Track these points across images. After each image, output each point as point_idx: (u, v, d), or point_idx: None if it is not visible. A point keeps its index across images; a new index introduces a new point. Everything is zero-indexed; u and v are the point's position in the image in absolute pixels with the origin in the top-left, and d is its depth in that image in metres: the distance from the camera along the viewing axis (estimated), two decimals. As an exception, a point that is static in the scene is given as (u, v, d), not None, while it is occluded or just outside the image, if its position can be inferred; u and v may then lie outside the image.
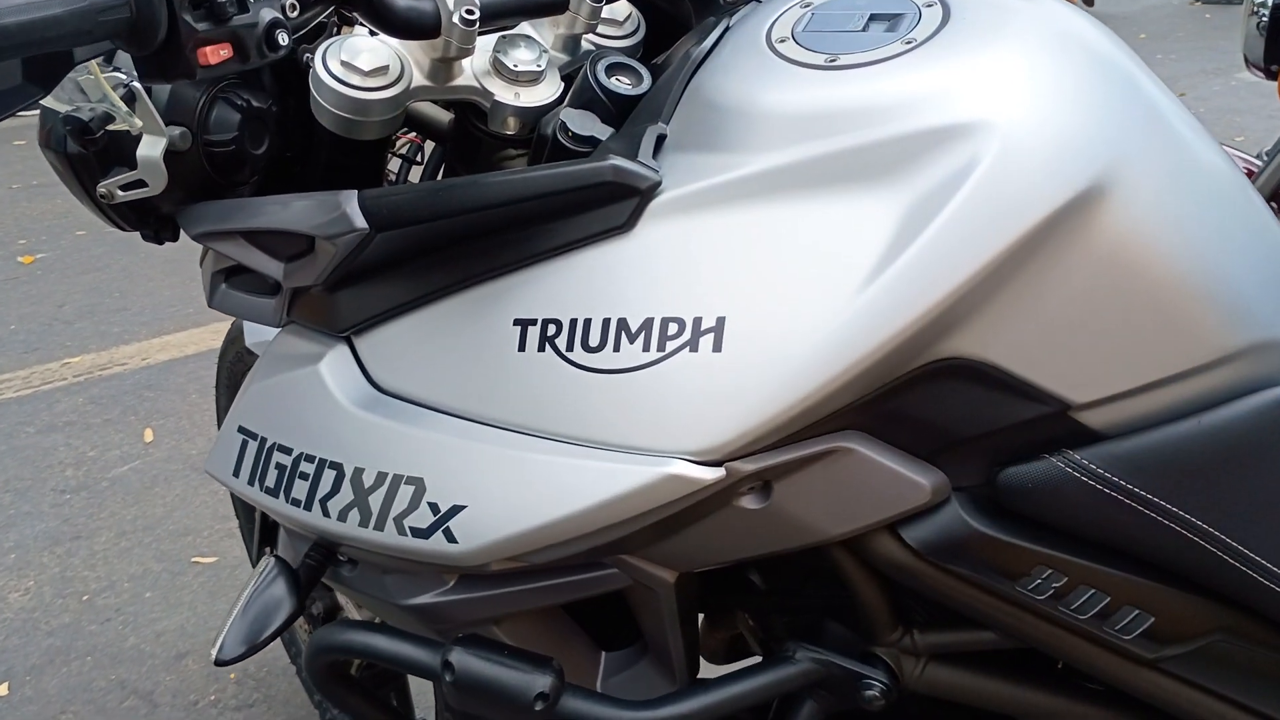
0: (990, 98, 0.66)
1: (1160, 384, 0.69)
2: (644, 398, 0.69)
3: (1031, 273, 0.65)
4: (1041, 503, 0.72)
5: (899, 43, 0.71)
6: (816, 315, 0.66)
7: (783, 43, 0.74)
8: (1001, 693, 0.84)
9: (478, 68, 0.82)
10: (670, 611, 0.83)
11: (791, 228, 0.67)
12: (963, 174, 0.64)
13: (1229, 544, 0.71)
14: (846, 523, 0.73)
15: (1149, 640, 0.74)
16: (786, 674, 0.81)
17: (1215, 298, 0.68)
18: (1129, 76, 0.72)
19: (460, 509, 0.73)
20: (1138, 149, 0.68)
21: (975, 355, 0.67)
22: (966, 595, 0.75)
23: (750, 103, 0.71)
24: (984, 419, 0.70)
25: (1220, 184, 0.72)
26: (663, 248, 0.70)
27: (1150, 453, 0.70)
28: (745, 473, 0.69)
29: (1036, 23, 0.72)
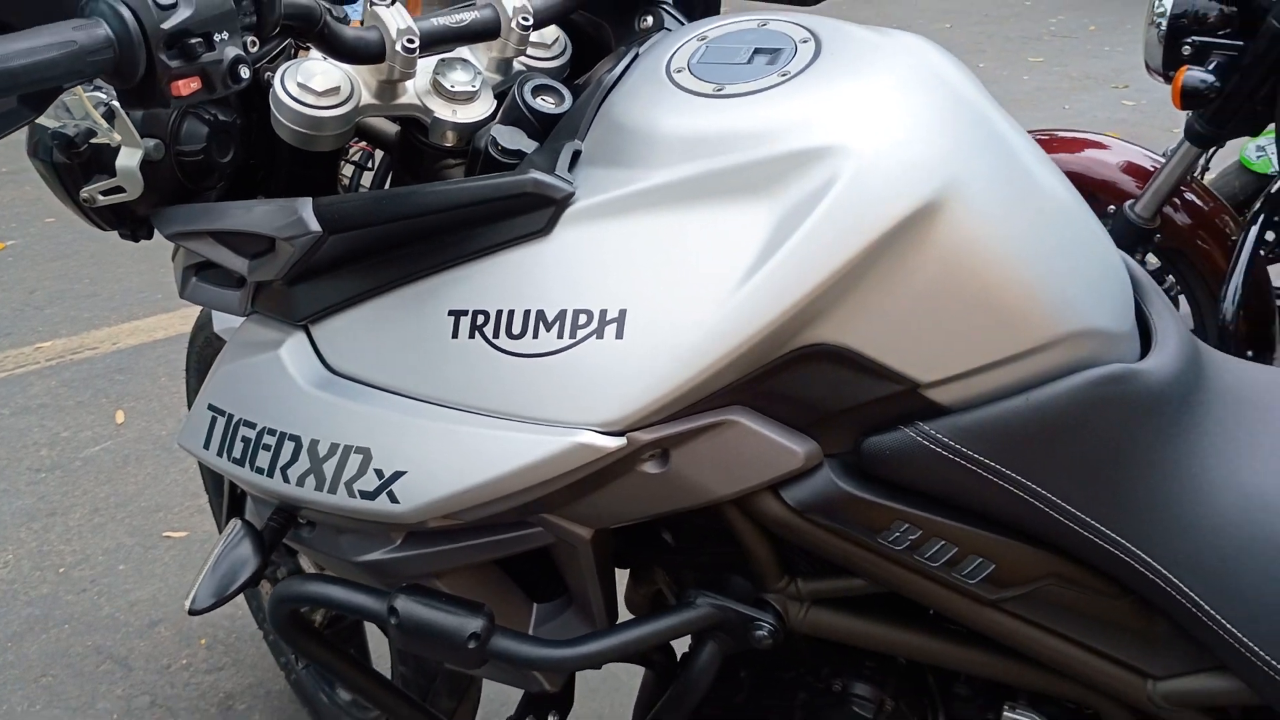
0: (848, 124, 0.78)
1: (994, 365, 0.81)
2: (558, 378, 0.80)
3: (882, 272, 0.77)
4: (898, 467, 0.84)
5: (776, 75, 0.82)
6: (702, 308, 0.78)
7: (679, 72, 0.86)
8: (875, 633, 0.97)
9: (419, 87, 0.93)
10: (589, 565, 0.95)
11: (682, 233, 0.79)
12: (823, 190, 0.76)
13: (1055, 501, 0.84)
14: (734, 485, 0.85)
15: (990, 584, 0.87)
16: (687, 618, 0.94)
17: (1040, 293, 0.81)
18: (973, 107, 0.84)
19: (401, 474, 0.84)
20: (974, 169, 0.80)
21: (837, 341, 0.79)
22: (838, 547, 0.88)
23: (650, 125, 0.83)
24: (847, 395, 0.82)
25: (1048, 197, 0.85)
26: (575, 250, 0.82)
27: (987, 424, 0.82)
28: (645, 442, 0.81)
29: (895, 58, 0.84)
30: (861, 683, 1.04)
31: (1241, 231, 1.88)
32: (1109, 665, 0.91)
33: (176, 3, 0.71)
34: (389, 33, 0.86)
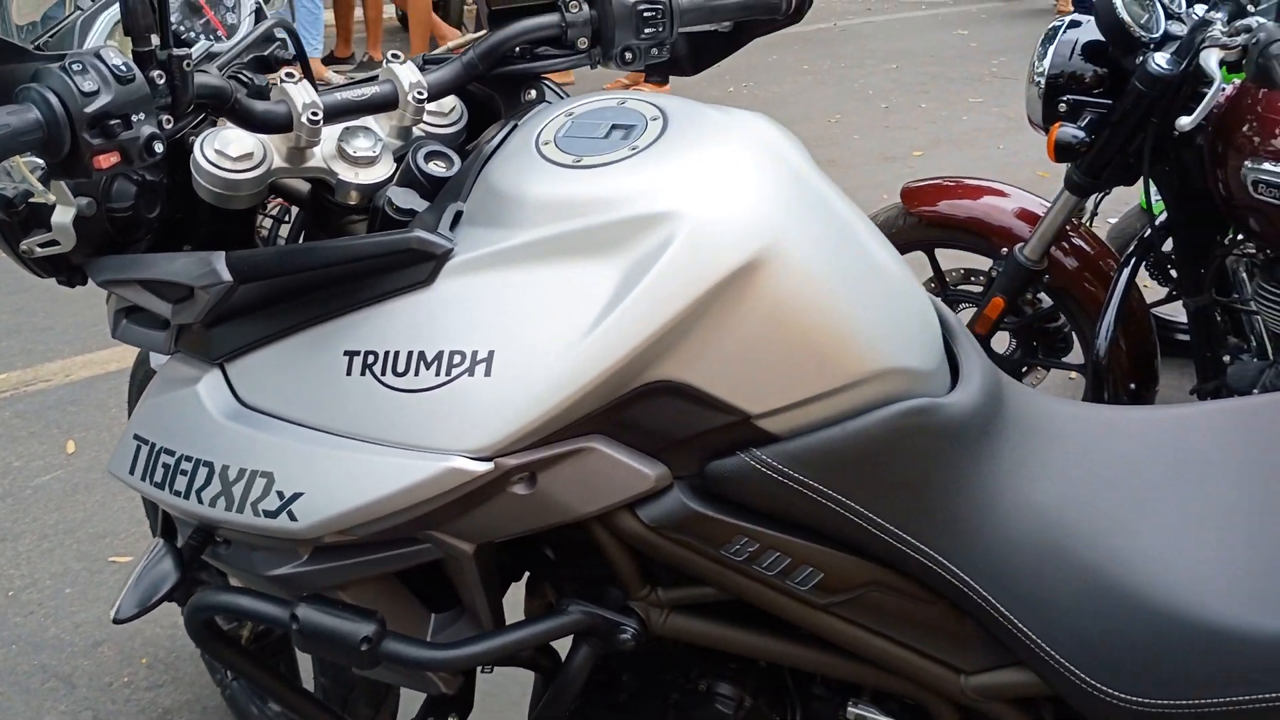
0: (685, 192, 0.91)
1: (815, 399, 0.94)
2: (435, 411, 0.92)
3: (714, 318, 0.90)
4: (737, 489, 0.97)
5: (627, 149, 0.95)
6: (559, 350, 0.90)
7: (546, 145, 0.98)
8: (727, 636, 1.09)
9: (326, 152, 1.06)
10: (473, 577, 1.06)
11: (543, 285, 0.92)
12: (661, 248, 0.89)
13: (872, 518, 0.97)
14: (595, 504, 0.97)
15: (820, 591, 1.00)
16: (560, 623, 1.06)
17: (853, 336, 0.94)
18: (800, 177, 0.98)
19: (300, 495, 0.96)
20: (796, 230, 0.93)
21: (677, 378, 0.92)
22: (687, 559, 1.00)
23: (519, 191, 0.95)
24: (689, 425, 0.95)
25: (864, 253, 0.98)
26: (452, 298, 0.94)
27: (812, 451, 0.95)
28: (511, 466, 0.93)
29: (732, 135, 0.97)
30: (724, 683, 1.15)
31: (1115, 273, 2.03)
32: (926, 662, 1.03)
33: (98, 89, 0.83)
34: (295, 107, 0.98)
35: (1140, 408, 1.38)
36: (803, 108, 5.80)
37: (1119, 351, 2.08)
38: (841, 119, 5.56)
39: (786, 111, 5.73)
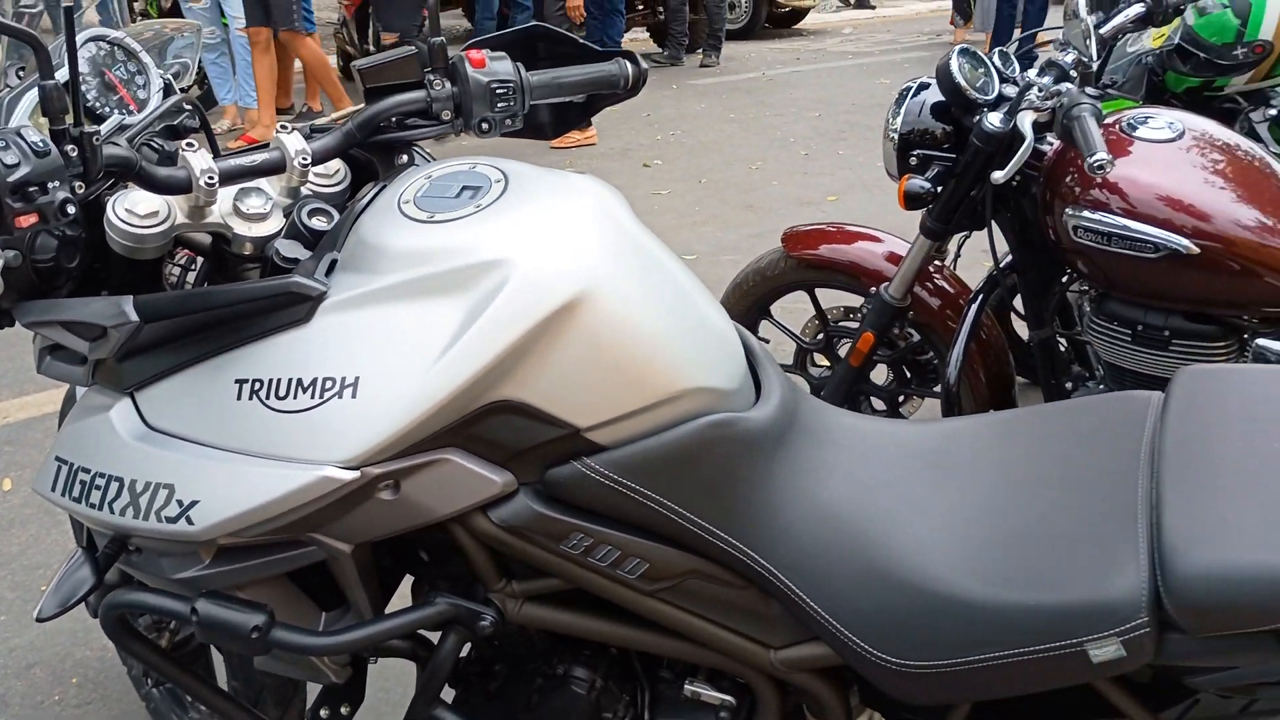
0: (518, 243, 1.09)
1: (634, 414, 1.12)
2: (311, 428, 1.09)
3: (544, 346, 1.08)
4: (572, 492, 1.14)
5: (473, 206, 1.14)
6: (413, 375, 1.08)
7: (406, 203, 1.16)
8: (575, 623, 1.26)
9: (224, 209, 1.23)
10: (352, 574, 1.22)
11: (400, 321, 1.09)
12: (497, 289, 1.07)
13: (688, 516, 1.15)
14: (452, 506, 1.14)
15: (646, 579, 1.17)
16: (426, 613, 1.23)
17: (664, 361, 1.12)
18: (620, 228, 1.16)
19: (196, 503, 1.12)
20: (613, 273, 1.12)
21: (516, 397, 1.09)
22: (534, 554, 1.17)
23: (381, 242, 1.13)
24: (529, 438, 1.13)
25: (675, 290, 1.17)
26: (326, 333, 1.12)
27: (634, 459, 1.13)
28: (376, 474, 1.10)
29: (561, 194, 1.16)
30: (579, 667, 1.32)
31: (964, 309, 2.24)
32: (740, 640, 1.21)
33: (19, 162, 1.01)
34: (194, 172, 1.16)
35: (913, 421, 1.59)
36: (726, 155, 6.04)
37: (977, 380, 2.29)
38: (763, 165, 5.81)
39: (711, 158, 5.98)
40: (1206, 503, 1.03)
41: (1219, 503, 1.03)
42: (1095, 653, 1.03)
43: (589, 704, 1.32)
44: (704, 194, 5.31)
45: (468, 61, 1.28)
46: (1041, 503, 1.14)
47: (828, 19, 11.72)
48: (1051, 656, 1.05)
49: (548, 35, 1.41)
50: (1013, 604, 1.07)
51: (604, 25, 7.78)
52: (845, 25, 11.59)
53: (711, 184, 5.48)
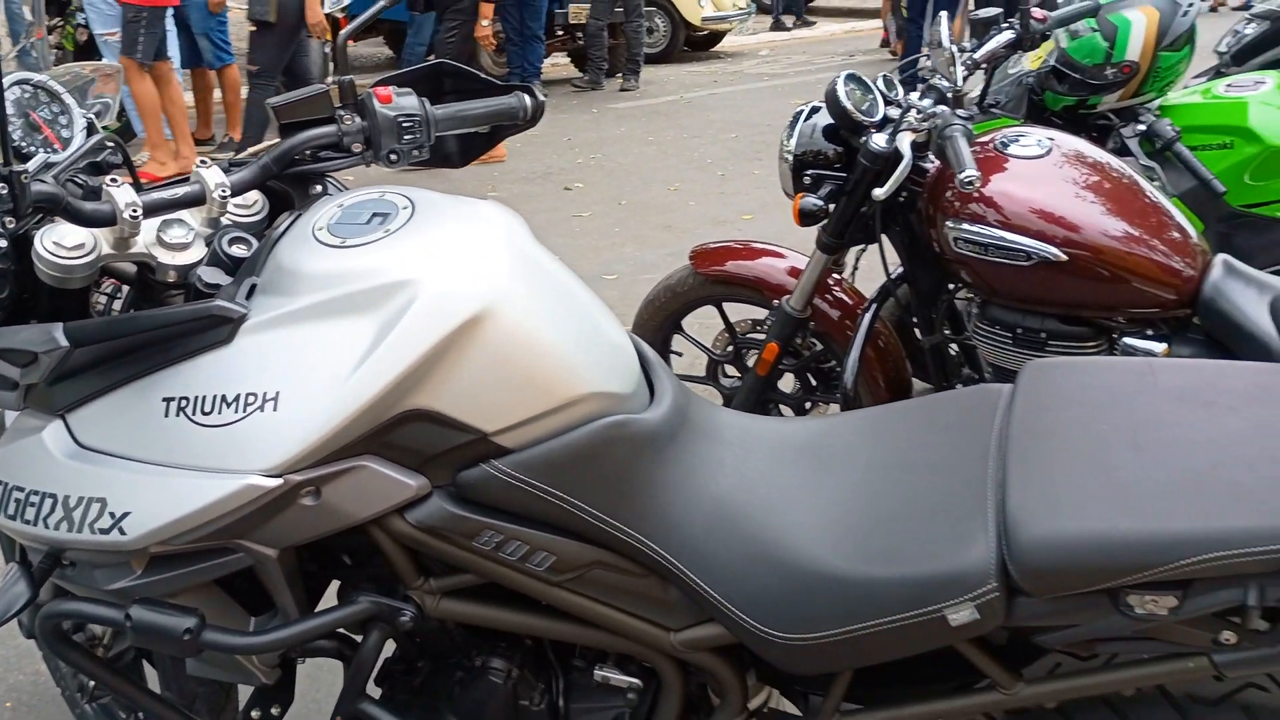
0: (424, 264, 1.19)
1: (537, 418, 1.22)
2: (235, 440, 1.18)
3: (452, 358, 1.18)
4: (482, 493, 1.24)
5: (382, 232, 1.23)
6: (329, 388, 1.17)
7: (320, 230, 1.25)
8: (490, 615, 1.35)
9: (148, 240, 1.31)
10: (279, 578, 1.31)
11: (317, 338, 1.19)
12: (406, 307, 1.17)
13: (590, 511, 1.25)
14: (370, 510, 1.23)
15: (553, 571, 1.27)
16: (349, 611, 1.31)
17: (563, 369, 1.23)
18: (519, 249, 1.27)
19: (128, 514, 1.20)
20: (514, 290, 1.22)
21: (426, 406, 1.19)
22: (448, 551, 1.27)
23: (297, 267, 1.22)
24: (440, 443, 1.22)
25: (573, 304, 1.28)
26: (248, 352, 1.20)
27: (538, 460, 1.23)
28: (298, 481, 1.18)
29: (464, 218, 1.26)
30: (496, 658, 1.41)
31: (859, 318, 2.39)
32: (643, 624, 1.31)
33: (-50, 201, 1.09)
34: (118, 206, 1.23)
35: (795, 419, 1.71)
36: (645, 177, 6.18)
37: (875, 384, 2.43)
38: (681, 187, 5.95)
39: (630, 180, 6.11)
40: (1045, 479, 1.16)
41: (1056, 479, 1.16)
42: (953, 617, 1.15)
43: (506, 693, 1.41)
44: (624, 215, 5.44)
45: (375, 98, 1.38)
46: (904, 487, 1.26)
47: (744, 41, 11.96)
48: (915, 623, 1.16)
49: (451, 71, 1.51)
50: (879, 578, 1.19)
51: (524, 51, 7.92)
52: (762, 48, 11.85)
53: (631, 205, 5.62)
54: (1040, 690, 1.23)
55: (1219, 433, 1.14)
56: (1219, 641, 1.12)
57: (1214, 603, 1.08)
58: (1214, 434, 1.14)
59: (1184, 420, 1.17)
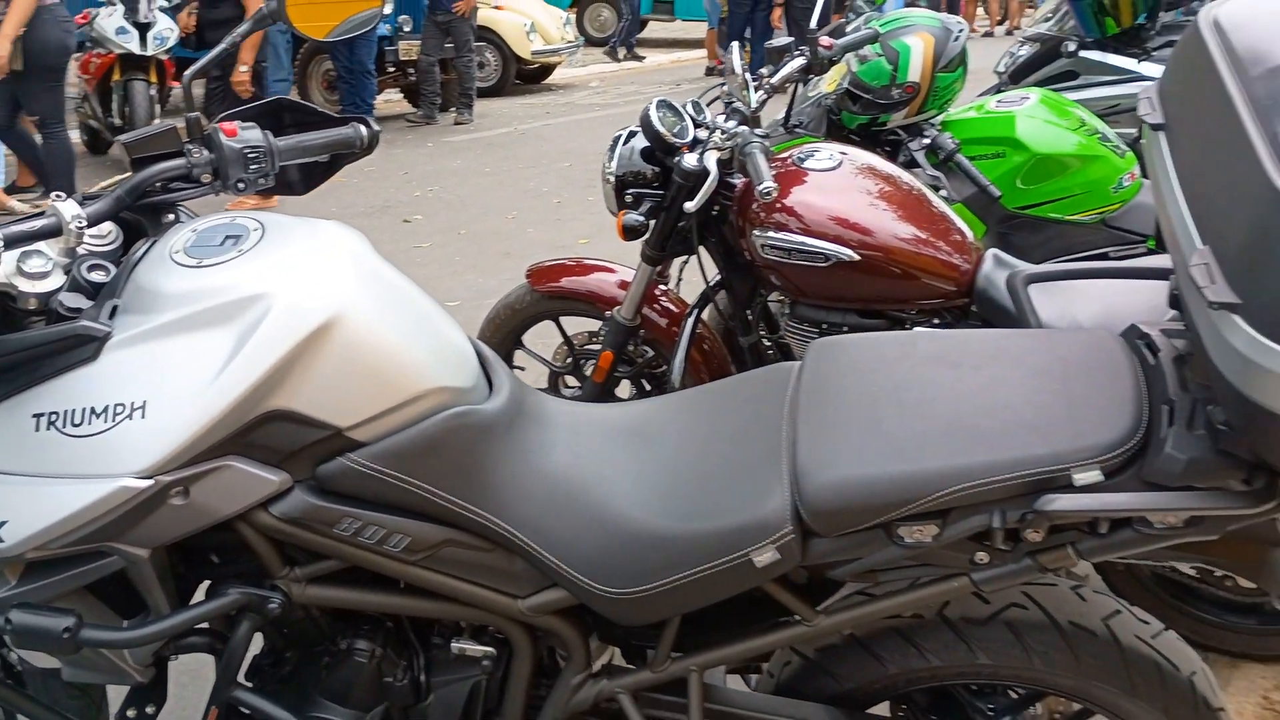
0: (276, 279, 1.33)
1: (386, 413, 1.37)
2: (107, 447, 1.29)
3: (305, 363, 1.31)
4: (339, 483, 1.37)
5: (235, 252, 1.36)
6: (192, 395, 1.29)
7: (177, 253, 1.37)
8: (352, 597, 1.48)
9: (7, 270, 1.39)
10: (151, 578, 1.41)
11: (179, 350, 1.30)
12: (260, 319, 1.30)
13: (440, 494, 1.39)
14: (236, 506, 1.35)
15: (408, 551, 1.41)
16: (221, 602, 1.42)
17: (407, 367, 1.37)
18: (361, 262, 1.41)
19: (5, 522, 1.29)
20: (359, 299, 1.36)
21: (284, 407, 1.32)
22: (311, 539, 1.39)
23: (157, 287, 1.34)
24: (299, 440, 1.35)
25: (413, 311, 1.43)
26: (114, 367, 1.31)
27: (389, 450, 1.37)
28: (167, 482, 1.30)
29: (310, 237, 1.40)
30: (360, 640, 1.54)
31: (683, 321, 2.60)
32: (493, 594, 1.46)
33: None
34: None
35: (617, 404, 1.90)
36: (483, 207, 6.33)
37: (701, 383, 2.63)
38: (518, 215, 6.13)
39: (468, 211, 6.24)
40: (827, 436, 1.37)
41: (836, 435, 1.36)
42: (758, 559, 1.34)
43: (371, 672, 1.54)
44: (463, 244, 5.57)
45: (221, 131, 1.50)
46: (712, 453, 1.46)
47: (575, 74, 12.24)
48: (728, 567, 1.35)
49: (291, 106, 1.64)
50: (695, 531, 1.37)
51: (356, 89, 7.98)
52: (592, 79, 12.14)
53: (470, 235, 5.75)
54: (836, 620, 1.43)
55: (964, 388, 1.37)
56: (975, 562, 1.34)
57: (967, 528, 1.30)
58: (960, 389, 1.37)
59: (937, 379, 1.39)
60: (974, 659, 1.48)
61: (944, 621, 1.49)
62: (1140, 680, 1.46)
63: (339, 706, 1.54)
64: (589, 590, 1.41)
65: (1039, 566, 1.32)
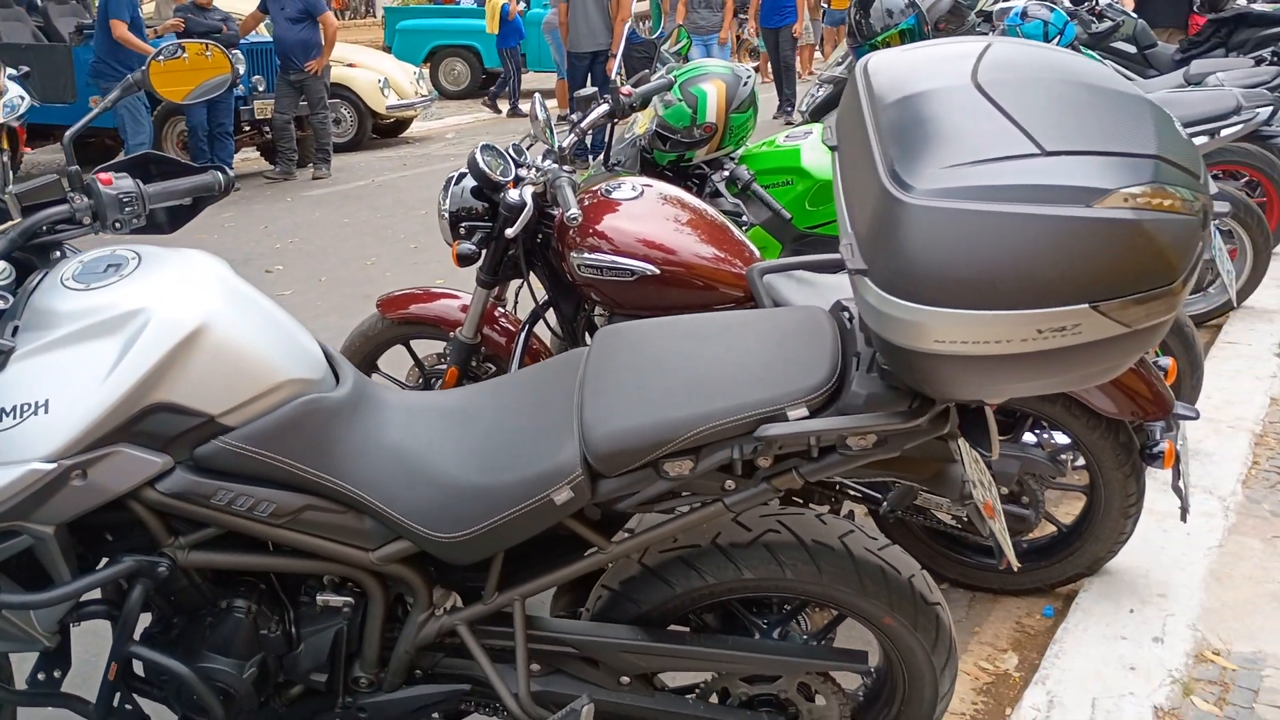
0: (153, 296, 1.64)
1: (250, 401, 1.68)
2: (18, 439, 1.58)
3: (180, 363, 1.62)
4: (214, 462, 1.69)
5: (117, 276, 1.67)
6: (87, 394, 1.59)
7: (67, 280, 1.67)
8: (229, 559, 1.78)
9: (-82, 304, 1.68)
10: (55, 553, 1.69)
11: (74, 357, 1.60)
12: (141, 329, 1.61)
13: (298, 466, 1.71)
14: (127, 485, 1.65)
15: (274, 516, 1.72)
16: (118, 569, 1.71)
17: (266, 363, 1.70)
18: (223, 280, 1.73)
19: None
20: (222, 310, 1.68)
21: (164, 399, 1.63)
22: (192, 511, 1.70)
23: (53, 308, 1.64)
24: (179, 427, 1.66)
25: (267, 319, 1.75)
26: (18, 375, 1.60)
27: (254, 432, 1.69)
28: (69, 465, 1.59)
29: (180, 262, 1.72)
30: (238, 599, 1.84)
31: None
32: (349, 549, 1.78)
33: None
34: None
35: (442, 390, 2.25)
36: (343, 255, 6.60)
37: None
38: (377, 260, 6.42)
39: (329, 259, 6.50)
40: (606, 399, 1.73)
41: (613, 397, 1.73)
42: (557, 498, 1.69)
43: (249, 626, 1.84)
44: (325, 290, 5.84)
45: (99, 181, 1.81)
46: (520, 421, 1.81)
47: (431, 126, 12.57)
48: (535, 508, 1.70)
49: (157, 159, 1.96)
50: (506, 481, 1.72)
51: (213, 150, 8.16)
52: (448, 131, 12.48)
53: (331, 281, 6.02)
54: (626, 546, 1.80)
55: (708, 354, 1.76)
56: (725, 489, 1.72)
57: (714, 461, 1.68)
58: (705, 356, 1.76)
59: (688, 350, 1.78)
60: (741, 575, 1.87)
61: (717, 548, 1.87)
62: (870, 583, 1.86)
63: (222, 657, 1.84)
64: (426, 537, 1.74)
65: (772, 489, 1.71)
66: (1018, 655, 2.70)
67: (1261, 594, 2.77)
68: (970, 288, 1.34)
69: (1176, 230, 1.31)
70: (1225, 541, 3.01)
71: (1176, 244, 1.31)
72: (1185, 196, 1.32)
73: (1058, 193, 1.30)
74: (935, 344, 1.40)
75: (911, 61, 1.54)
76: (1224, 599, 2.75)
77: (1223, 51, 6.81)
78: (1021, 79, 1.41)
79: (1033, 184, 1.31)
